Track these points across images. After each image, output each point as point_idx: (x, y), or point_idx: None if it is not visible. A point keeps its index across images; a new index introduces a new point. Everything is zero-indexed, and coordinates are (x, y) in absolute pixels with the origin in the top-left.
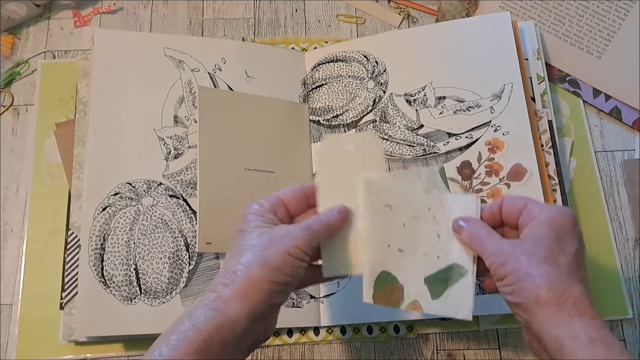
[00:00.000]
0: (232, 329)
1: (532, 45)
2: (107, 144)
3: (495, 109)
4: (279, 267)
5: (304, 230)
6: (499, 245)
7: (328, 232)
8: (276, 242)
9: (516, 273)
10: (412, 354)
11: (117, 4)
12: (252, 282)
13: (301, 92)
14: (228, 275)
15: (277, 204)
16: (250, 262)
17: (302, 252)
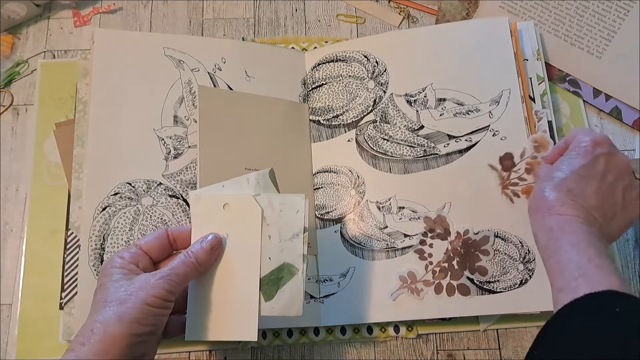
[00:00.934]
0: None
1: (531, 45)
2: (106, 144)
3: (493, 113)
4: (138, 319)
5: (162, 279)
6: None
7: (197, 270)
8: (134, 295)
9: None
10: (412, 354)
11: (117, 4)
12: (110, 339)
13: (301, 92)
14: (86, 334)
15: (138, 254)
16: (107, 319)
17: (162, 300)
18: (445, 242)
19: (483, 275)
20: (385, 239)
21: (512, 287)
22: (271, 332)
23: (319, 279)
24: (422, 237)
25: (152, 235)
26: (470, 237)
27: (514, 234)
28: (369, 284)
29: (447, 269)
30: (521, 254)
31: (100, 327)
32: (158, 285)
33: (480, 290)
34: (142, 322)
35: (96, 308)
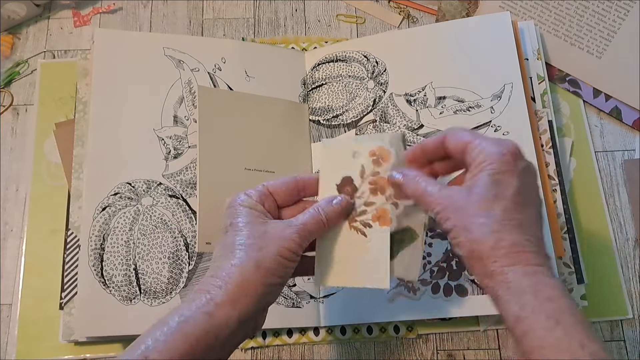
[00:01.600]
0: (220, 333)
1: (532, 45)
2: (106, 143)
3: (495, 109)
4: (272, 269)
5: (296, 233)
6: (442, 198)
7: (324, 228)
8: (269, 244)
9: (456, 227)
10: (412, 354)
11: (116, 4)
12: (245, 285)
13: (301, 92)
14: (221, 275)
15: (265, 194)
16: (243, 263)
17: (293, 254)
18: (445, 241)
19: None
20: None
21: None
22: (271, 332)
23: None
24: None
25: (280, 180)
26: None
27: None
28: None
29: (446, 269)
30: None
31: (237, 271)
32: (291, 237)
33: (480, 289)
34: (275, 273)
35: (230, 250)
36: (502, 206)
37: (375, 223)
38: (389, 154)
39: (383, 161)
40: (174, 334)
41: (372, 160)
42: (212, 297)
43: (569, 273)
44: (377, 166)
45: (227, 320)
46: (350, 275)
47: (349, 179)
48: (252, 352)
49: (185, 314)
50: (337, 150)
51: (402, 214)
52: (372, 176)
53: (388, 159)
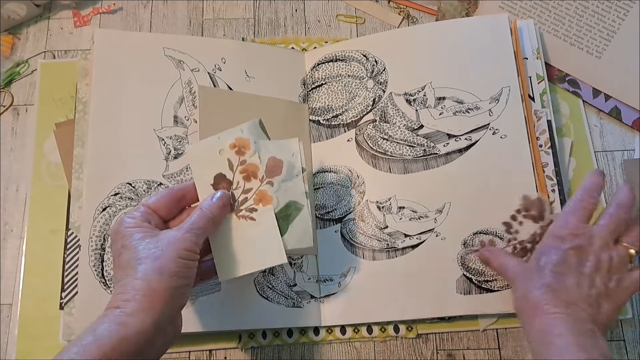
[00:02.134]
0: (136, 340)
1: (531, 44)
2: (106, 144)
3: (493, 111)
4: (175, 272)
5: (189, 232)
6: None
7: (214, 223)
8: (165, 250)
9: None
10: (412, 354)
11: (117, 4)
12: (154, 293)
13: (301, 92)
14: (128, 290)
15: (148, 212)
16: (147, 274)
17: (192, 252)
18: (536, 225)
19: None
20: (386, 238)
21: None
22: (271, 332)
23: (319, 279)
24: (516, 212)
25: (159, 195)
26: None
27: None
28: (369, 284)
29: (528, 250)
30: None
31: (143, 283)
32: (186, 238)
33: (479, 289)
34: (178, 275)
35: (128, 267)
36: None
37: (258, 205)
38: (247, 142)
39: (245, 149)
40: (89, 346)
41: (235, 152)
42: (123, 310)
43: None
44: (241, 155)
45: (142, 326)
46: (249, 261)
47: (220, 175)
48: (252, 352)
49: (98, 328)
50: (203, 152)
51: (280, 190)
52: (240, 166)
53: (248, 146)
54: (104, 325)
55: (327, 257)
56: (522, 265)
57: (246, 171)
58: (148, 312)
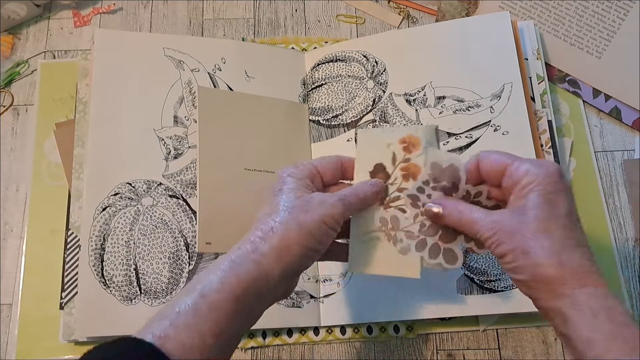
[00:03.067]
0: (266, 283)
1: (531, 45)
2: (107, 144)
3: (494, 108)
4: (314, 233)
5: (340, 201)
6: (491, 223)
7: (362, 205)
8: (313, 208)
9: (513, 251)
10: (412, 354)
11: (117, 4)
12: (287, 243)
13: (301, 92)
14: (265, 230)
15: (314, 173)
16: (287, 223)
17: (335, 222)
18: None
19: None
20: None
21: (513, 286)
22: (271, 331)
23: (319, 279)
24: (423, 184)
25: (327, 160)
26: (481, 200)
27: None
28: (369, 284)
29: (439, 227)
30: None
31: (281, 228)
32: (335, 205)
33: (481, 289)
34: (316, 237)
35: (275, 210)
36: (560, 225)
37: (408, 208)
38: (418, 141)
39: (413, 148)
40: (228, 275)
41: (402, 147)
42: (257, 247)
43: None
44: (407, 153)
45: (272, 271)
46: (383, 263)
47: (381, 165)
48: (252, 352)
49: (235, 260)
50: (372, 139)
51: None
52: (403, 162)
53: (418, 146)
54: (240, 258)
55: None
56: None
57: (407, 170)
58: (278, 259)
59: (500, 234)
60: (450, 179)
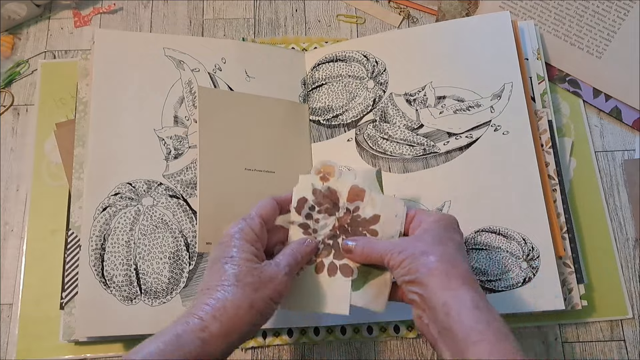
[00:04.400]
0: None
1: (532, 45)
2: (107, 144)
3: (495, 108)
4: (262, 311)
5: (286, 276)
6: (392, 243)
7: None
8: (264, 285)
9: (413, 255)
10: (412, 354)
11: (117, 4)
12: (238, 322)
13: (301, 92)
14: (216, 306)
15: (261, 230)
16: (239, 301)
17: (281, 296)
18: (333, 217)
19: None
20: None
21: (514, 285)
22: (271, 332)
23: None
24: (309, 210)
25: (266, 205)
26: (359, 214)
27: (516, 231)
28: None
29: (332, 247)
30: (524, 251)
31: (232, 307)
32: (283, 282)
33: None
34: (263, 315)
35: (227, 283)
36: (454, 244)
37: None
38: (333, 168)
39: (329, 176)
40: (172, 350)
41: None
42: (207, 325)
43: (569, 273)
44: (325, 182)
45: (216, 350)
46: (313, 301)
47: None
48: (253, 352)
49: (182, 335)
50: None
51: None
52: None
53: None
54: (186, 333)
55: None
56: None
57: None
58: (226, 339)
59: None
60: (330, 201)
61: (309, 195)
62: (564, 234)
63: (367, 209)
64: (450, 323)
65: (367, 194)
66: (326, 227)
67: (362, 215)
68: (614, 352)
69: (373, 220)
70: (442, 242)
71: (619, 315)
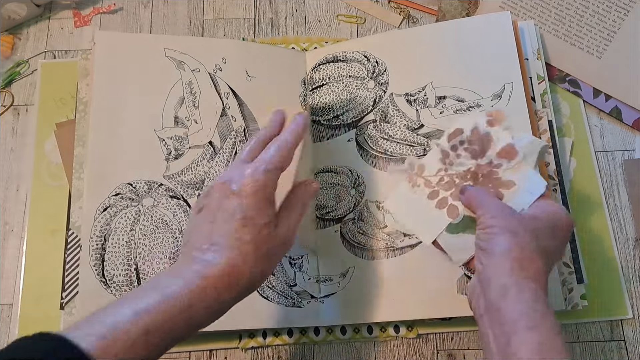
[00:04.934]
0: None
1: (532, 45)
2: (107, 144)
3: (495, 108)
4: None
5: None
6: (499, 205)
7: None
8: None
9: (503, 227)
10: (412, 354)
11: (117, 4)
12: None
13: (301, 92)
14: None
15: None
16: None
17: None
18: (473, 161)
19: None
20: (385, 238)
21: None
22: (271, 332)
23: (319, 279)
24: (459, 143)
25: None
26: (498, 172)
27: None
28: (369, 284)
29: (455, 185)
30: None
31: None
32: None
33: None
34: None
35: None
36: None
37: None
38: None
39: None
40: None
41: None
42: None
43: (569, 273)
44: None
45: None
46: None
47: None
48: (252, 352)
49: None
50: None
51: None
52: None
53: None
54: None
55: (327, 257)
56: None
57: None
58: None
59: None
60: (481, 145)
61: (468, 130)
62: None
63: (508, 171)
64: (501, 304)
65: (517, 158)
66: (462, 166)
67: (500, 174)
68: (614, 352)
69: (507, 185)
70: (537, 236)
71: (619, 315)
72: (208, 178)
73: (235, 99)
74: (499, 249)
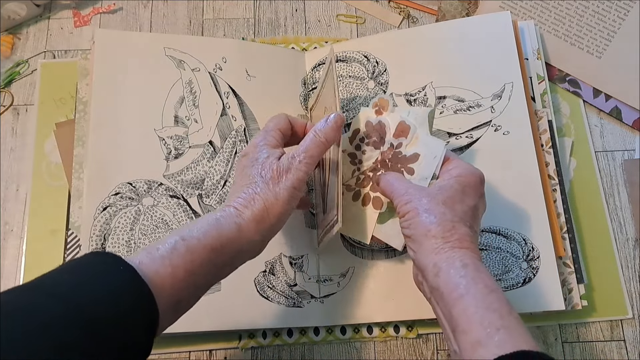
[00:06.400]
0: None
1: (532, 45)
2: (107, 144)
3: (495, 108)
4: (288, 200)
5: (302, 163)
6: (407, 188)
7: (326, 149)
8: (283, 178)
9: (416, 209)
10: (412, 354)
11: (117, 4)
12: (266, 212)
13: (301, 92)
14: (247, 198)
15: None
16: (264, 194)
17: (303, 182)
18: (378, 151)
19: None
20: None
21: (515, 286)
22: (271, 332)
23: (319, 279)
24: (359, 141)
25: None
26: (401, 151)
27: (516, 231)
28: (369, 284)
29: (371, 179)
30: (524, 251)
31: (260, 199)
32: (300, 169)
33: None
34: (289, 203)
35: (253, 181)
36: (463, 208)
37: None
38: (387, 103)
39: (383, 110)
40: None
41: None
42: (241, 213)
43: (569, 273)
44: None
45: (252, 236)
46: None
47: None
48: (252, 352)
49: (220, 219)
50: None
51: None
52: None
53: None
54: (224, 218)
55: (327, 257)
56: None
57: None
58: (257, 226)
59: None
60: (378, 134)
61: (362, 127)
62: (564, 234)
63: (409, 146)
64: (439, 283)
65: (411, 131)
66: (370, 160)
67: (403, 152)
68: (614, 352)
69: (412, 159)
70: (449, 203)
71: (619, 315)
72: (208, 177)
73: (235, 98)
74: (419, 232)
